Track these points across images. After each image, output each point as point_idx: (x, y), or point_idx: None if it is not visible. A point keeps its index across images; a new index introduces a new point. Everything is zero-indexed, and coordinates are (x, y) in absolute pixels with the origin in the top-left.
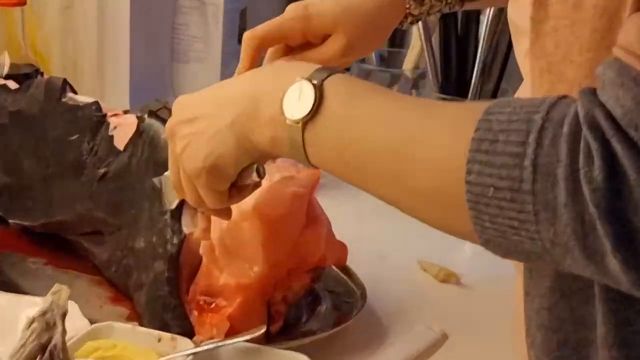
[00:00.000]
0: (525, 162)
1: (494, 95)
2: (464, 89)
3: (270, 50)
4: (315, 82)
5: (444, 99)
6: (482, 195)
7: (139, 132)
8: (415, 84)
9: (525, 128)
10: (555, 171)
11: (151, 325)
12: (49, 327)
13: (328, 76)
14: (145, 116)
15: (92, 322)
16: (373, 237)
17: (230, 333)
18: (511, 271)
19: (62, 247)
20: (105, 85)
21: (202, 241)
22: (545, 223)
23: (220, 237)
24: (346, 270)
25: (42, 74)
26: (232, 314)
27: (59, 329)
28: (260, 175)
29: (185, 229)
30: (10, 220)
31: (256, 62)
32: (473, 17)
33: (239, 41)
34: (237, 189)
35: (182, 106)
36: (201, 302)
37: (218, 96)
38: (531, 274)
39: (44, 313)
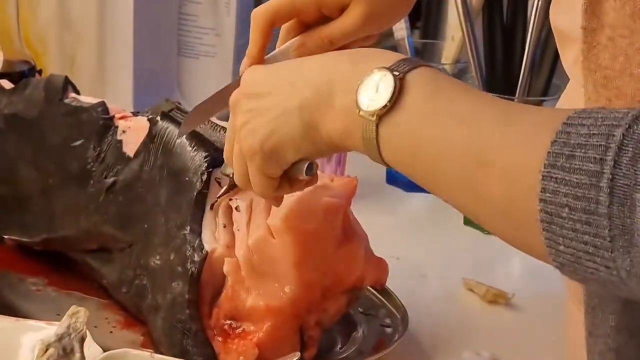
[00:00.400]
0: (601, 182)
1: (544, 93)
2: (511, 85)
3: (283, 28)
4: (396, 73)
5: None
6: (557, 215)
7: (151, 137)
8: None
9: (604, 143)
10: (633, 194)
11: (170, 352)
12: (66, 353)
13: (412, 69)
14: (158, 118)
15: (103, 349)
16: (413, 254)
17: None
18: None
19: (64, 266)
20: (106, 83)
21: (226, 259)
22: (622, 251)
23: (246, 254)
24: (383, 290)
25: (40, 71)
26: (261, 339)
27: (77, 355)
28: (312, 172)
29: (207, 246)
30: (5, 237)
31: (268, 41)
32: (520, 6)
33: None
34: (289, 180)
35: (252, 78)
36: (225, 327)
37: (291, 75)
38: (594, 311)
39: (60, 338)
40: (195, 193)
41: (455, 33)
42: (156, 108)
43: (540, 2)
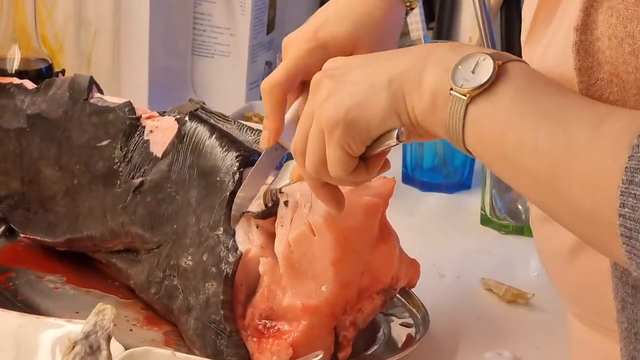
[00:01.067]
0: None
1: None
2: None
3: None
4: (496, 60)
5: None
6: (636, 230)
7: (180, 137)
8: None
9: None
10: None
11: (203, 352)
12: (93, 350)
13: (510, 60)
14: (186, 118)
15: (123, 347)
16: (430, 254)
17: None
18: None
19: (82, 264)
20: (122, 82)
21: (262, 259)
22: None
23: (285, 253)
24: (402, 290)
25: (62, 71)
26: (296, 339)
27: (104, 352)
28: (400, 138)
29: (241, 246)
30: (26, 236)
31: (284, 110)
32: None
33: (268, 32)
34: (365, 162)
35: (338, 61)
36: (260, 327)
37: (383, 55)
38: (637, 336)
39: (87, 335)
40: (227, 193)
41: (472, 34)
42: (181, 108)
43: None
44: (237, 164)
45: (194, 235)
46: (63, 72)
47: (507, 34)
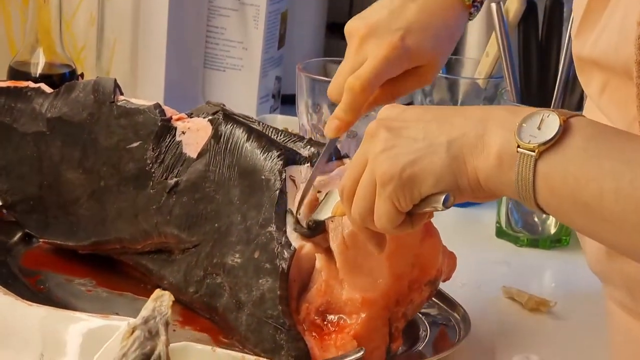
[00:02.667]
0: None
1: (578, 107)
2: (545, 100)
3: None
4: (560, 115)
5: None
6: None
7: (216, 137)
8: (488, 96)
9: None
10: None
11: (259, 348)
12: (152, 335)
13: (574, 115)
14: (221, 119)
15: None
16: None
17: None
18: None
19: (109, 268)
20: (138, 94)
21: (318, 255)
22: None
23: (341, 248)
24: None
25: (81, 75)
26: (357, 332)
27: (162, 337)
28: (448, 204)
29: (294, 243)
30: (44, 240)
31: (361, 110)
32: (556, 22)
33: (279, 47)
34: (411, 217)
35: (396, 111)
36: (318, 322)
37: (442, 113)
38: None
39: (146, 321)
40: (276, 192)
41: (490, 49)
42: (199, 110)
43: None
44: (281, 162)
45: (240, 233)
46: (82, 75)
47: (524, 49)
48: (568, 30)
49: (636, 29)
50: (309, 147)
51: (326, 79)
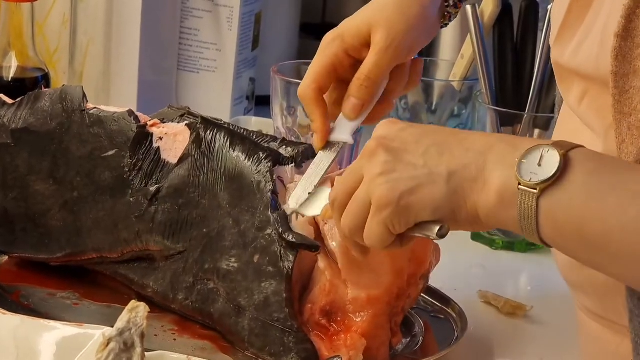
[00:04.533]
0: None
1: (554, 109)
2: (521, 102)
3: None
4: (559, 150)
5: (499, 112)
6: None
7: (198, 142)
8: (463, 98)
9: None
10: None
11: (264, 352)
12: (127, 347)
13: (573, 148)
14: (199, 123)
15: None
16: None
17: None
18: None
19: (86, 279)
20: (111, 95)
21: (320, 255)
22: None
23: (343, 248)
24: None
25: (47, 83)
26: (364, 329)
27: (138, 349)
28: (442, 234)
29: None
30: (14, 255)
31: (326, 108)
32: (531, 24)
33: (253, 49)
34: (401, 238)
35: (396, 130)
36: (323, 322)
37: (442, 139)
38: None
39: (121, 332)
40: (269, 193)
41: (465, 51)
42: (164, 114)
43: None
44: (269, 164)
45: (234, 237)
46: (48, 83)
47: (500, 51)
48: (543, 33)
49: (613, 41)
50: (284, 146)
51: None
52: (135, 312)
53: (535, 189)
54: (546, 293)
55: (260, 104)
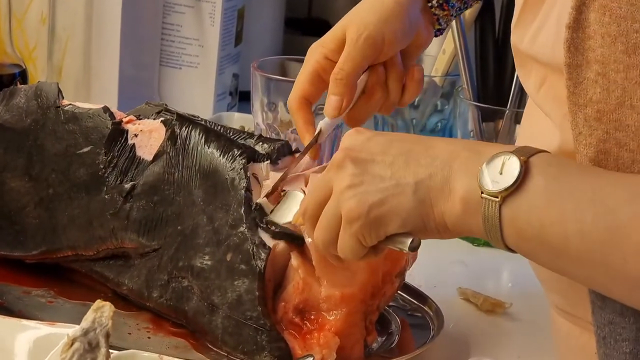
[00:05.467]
0: None
1: None
2: (502, 97)
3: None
4: (520, 156)
5: (481, 108)
6: None
7: (173, 138)
8: (445, 93)
9: None
10: None
11: (238, 350)
12: (92, 347)
13: (534, 153)
14: (174, 120)
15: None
16: None
17: None
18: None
19: (61, 276)
20: (92, 91)
21: (293, 253)
22: None
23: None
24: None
25: (24, 79)
26: (338, 328)
27: (103, 349)
28: (413, 247)
29: (268, 242)
30: None
31: (313, 119)
32: (512, 19)
33: (236, 44)
34: (375, 249)
35: (362, 140)
36: (297, 320)
37: (408, 148)
38: (605, 340)
39: (85, 332)
40: (242, 190)
41: (446, 46)
42: (141, 111)
43: None
44: (244, 160)
45: (208, 234)
46: (25, 79)
47: (481, 46)
48: None
49: (565, 32)
50: (260, 143)
51: (282, 77)
52: (101, 311)
53: (497, 197)
54: (527, 290)
55: (244, 99)
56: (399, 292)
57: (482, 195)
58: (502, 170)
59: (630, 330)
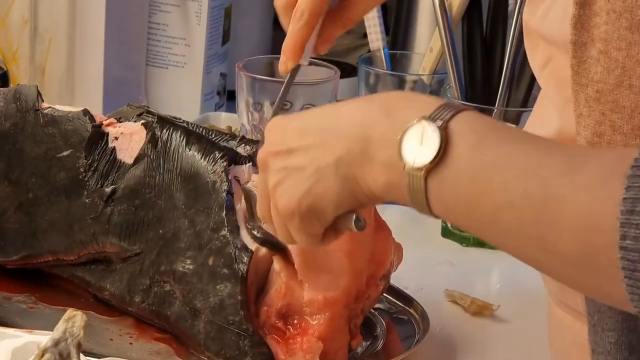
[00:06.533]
0: None
1: (524, 104)
2: (490, 96)
3: None
4: (439, 123)
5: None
6: None
7: (154, 141)
8: (433, 92)
9: None
10: None
11: (221, 355)
12: (62, 358)
13: (453, 115)
14: (155, 123)
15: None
16: None
17: None
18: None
19: (42, 282)
20: (76, 92)
21: (275, 257)
22: None
23: (299, 249)
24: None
25: (4, 78)
26: (321, 332)
27: None
28: (360, 226)
29: (249, 246)
30: None
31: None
32: (500, 17)
33: (223, 43)
34: (334, 229)
35: (277, 133)
36: (279, 325)
37: (321, 127)
38: (595, 328)
39: (56, 343)
40: (224, 194)
41: (433, 43)
42: (122, 113)
43: (520, 13)
44: (225, 163)
45: (190, 238)
46: (6, 82)
47: (469, 44)
48: (512, 26)
49: (572, 8)
50: (243, 144)
51: (267, 77)
52: (72, 321)
53: (421, 171)
54: (515, 291)
55: (232, 99)
56: (384, 294)
57: (406, 169)
58: (422, 141)
59: (616, 320)
